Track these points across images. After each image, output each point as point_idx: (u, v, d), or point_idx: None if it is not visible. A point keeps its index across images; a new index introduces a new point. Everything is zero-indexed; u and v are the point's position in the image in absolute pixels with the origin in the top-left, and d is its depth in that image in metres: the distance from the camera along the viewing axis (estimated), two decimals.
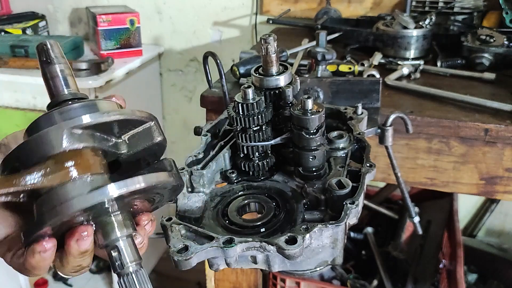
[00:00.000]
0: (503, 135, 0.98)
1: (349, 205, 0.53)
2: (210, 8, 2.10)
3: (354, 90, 0.91)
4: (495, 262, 1.88)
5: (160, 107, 2.39)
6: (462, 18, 1.54)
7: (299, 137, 0.61)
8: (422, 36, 1.34)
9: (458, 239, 1.54)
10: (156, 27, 2.20)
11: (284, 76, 0.65)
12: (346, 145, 0.67)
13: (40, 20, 2.17)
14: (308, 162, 0.62)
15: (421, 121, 1.01)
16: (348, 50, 1.47)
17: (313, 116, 0.59)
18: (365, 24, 1.56)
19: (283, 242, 0.49)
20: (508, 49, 1.27)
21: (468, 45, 1.30)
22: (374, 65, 1.31)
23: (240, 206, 0.60)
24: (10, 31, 2.05)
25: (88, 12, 2.06)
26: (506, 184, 1.03)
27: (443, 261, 1.61)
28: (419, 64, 1.29)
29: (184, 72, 2.28)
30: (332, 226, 0.51)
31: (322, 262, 0.55)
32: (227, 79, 1.00)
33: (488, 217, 2.06)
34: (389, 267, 1.63)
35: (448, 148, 1.04)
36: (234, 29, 2.11)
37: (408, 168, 1.08)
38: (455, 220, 1.64)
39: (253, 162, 0.64)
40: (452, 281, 1.44)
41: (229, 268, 0.52)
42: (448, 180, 1.07)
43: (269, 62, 0.64)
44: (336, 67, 1.20)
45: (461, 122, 1.00)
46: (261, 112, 0.62)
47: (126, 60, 1.96)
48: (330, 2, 1.76)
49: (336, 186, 0.56)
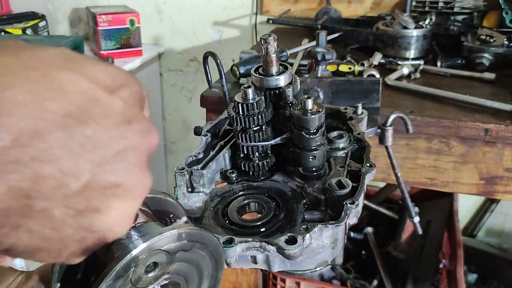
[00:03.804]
0: (503, 135, 0.98)
1: (349, 205, 0.53)
2: (210, 8, 2.10)
3: (354, 90, 0.91)
4: (495, 262, 1.88)
5: (160, 107, 2.39)
6: (462, 18, 1.54)
7: (299, 137, 0.61)
8: (422, 36, 1.34)
9: (458, 239, 1.54)
10: (156, 27, 2.20)
11: (284, 76, 0.65)
12: (346, 145, 0.67)
13: (40, 20, 2.17)
14: (308, 162, 0.62)
15: (421, 121, 1.01)
16: (348, 50, 1.47)
17: (313, 116, 0.59)
18: (365, 24, 1.56)
19: (283, 242, 0.49)
20: (508, 49, 1.27)
21: (468, 45, 1.30)
22: (374, 65, 1.31)
23: (240, 206, 0.60)
24: (10, 31, 2.05)
25: (88, 12, 2.06)
26: (506, 184, 1.03)
27: (443, 261, 1.61)
28: (419, 64, 1.29)
29: (184, 72, 2.28)
30: (332, 226, 0.51)
31: (322, 262, 0.54)
32: (227, 79, 1.00)
33: (488, 217, 2.06)
34: (389, 267, 1.63)
35: (448, 148, 1.04)
36: (234, 29, 2.11)
37: (408, 168, 1.08)
38: (455, 220, 1.64)
39: (253, 162, 0.64)
40: (452, 281, 1.44)
41: (229, 268, 0.52)
42: (448, 180, 1.07)
43: (269, 62, 0.64)
44: (336, 67, 1.20)
45: (461, 122, 1.00)
46: (261, 112, 0.62)
47: (126, 60, 1.96)
48: (330, 2, 1.76)
49: (336, 186, 0.56)
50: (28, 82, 0.28)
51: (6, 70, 0.28)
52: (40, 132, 0.28)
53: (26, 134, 0.27)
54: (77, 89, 0.30)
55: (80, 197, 0.30)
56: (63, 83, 0.29)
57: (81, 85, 0.30)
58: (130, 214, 0.33)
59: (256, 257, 0.52)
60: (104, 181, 0.30)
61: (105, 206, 0.31)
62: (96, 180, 0.30)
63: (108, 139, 0.30)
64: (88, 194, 0.30)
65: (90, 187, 0.30)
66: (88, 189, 0.30)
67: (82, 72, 0.31)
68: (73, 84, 0.30)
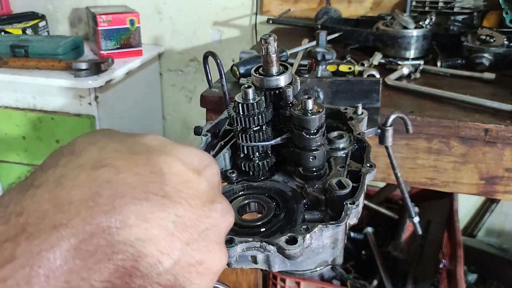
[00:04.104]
0: (503, 135, 0.98)
1: (350, 205, 0.53)
2: (210, 8, 2.10)
3: (354, 90, 0.91)
4: (495, 262, 1.88)
5: (160, 107, 2.39)
6: (462, 18, 1.54)
7: (299, 137, 0.61)
8: (422, 36, 1.34)
9: (458, 239, 1.54)
10: (156, 27, 2.20)
11: (285, 76, 0.64)
12: (346, 145, 0.67)
13: (40, 20, 2.17)
14: (308, 162, 0.62)
15: (421, 121, 1.01)
16: (348, 50, 1.46)
17: (314, 117, 0.59)
18: (365, 24, 1.56)
19: (283, 242, 0.49)
20: (508, 49, 1.27)
21: (468, 45, 1.30)
22: (374, 65, 1.31)
23: (240, 206, 0.60)
24: (10, 31, 2.05)
25: (88, 12, 2.06)
26: (506, 184, 1.03)
27: (443, 261, 1.61)
28: (419, 64, 1.29)
29: (184, 72, 2.28)
30: (333, 226, 0.51)
31: (322, 262, 0.54)
32: (227, 79, 1.00)
33: (488, 217, 2.06)
34: (389, 267, 1.63)
35: (448, 148, 1.04)
36: (234, 29, 2.11)
37: (408, 168, 1.08)
38: (455, 220, 1.64)
39: (253, 162, 0.64)
40: (452, 281, 1.44)
41: (229, 268, 0.52)
42: (448, 180, 1.07)
43: (269, 62, 0.64)
44: (336, 67, 1.20)
45: (461, 122, 1.00)
46: (261, 112, 0.62)
47: (126, 60, 1.96)
48: (330, 2, 1.76)
49: (336, 186, 0.56)
50: (135, 165, 0.32)
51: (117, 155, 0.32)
52: (145, 213, 0.30)
53: (134, 215, 0.30)
54: (172, 171, 0.33)
55: (170, 275, 0.31)
56: (162, 166, 0.33)
57: (176, 167, 0.34)
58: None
59: (256, 257, 0.52)
60: (190, 259, 0.32)
61: (189, 283, 0.33)
62: (184, 258, 0.32)
63: (196, 219, 0.33)
64: (176, 271, 0.32)
65: (179, 265, 0.32)
66: (177, 267, 0.32)
67: (176, 155, 0.34)
68: (169, 166, 0.33)
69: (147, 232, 0.30)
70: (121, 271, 0.29)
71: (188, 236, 0.32)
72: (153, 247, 0.30)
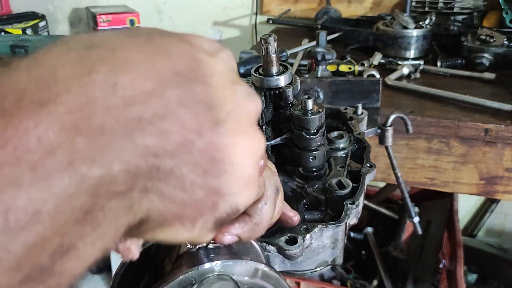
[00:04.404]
0: (503, 135, 0.98)
1: (349, 205, 0.53)
2: (210, 8, 2.10)
3: (354, 90, 0.91)
4: (495, 262, 1.88)
5: None
6: (462, 18, 1.54)
7: (299, 137, 0.61)
8: (422, 36, 1.34)
9: (458, 239, 1.54)
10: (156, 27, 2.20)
11: (285, 76, 0.65)
12: (346, 145, 0.67)
13: (40, 20, 2.17)
14: (308, 162, 0.62)
15: (421, 121, 1.02)
16: (348, 50, 1.47)
17: (314, 117, 0.59)
18: (365, 24, 1.56)
19: (283, 242, 0.49)
20: (508, 49, 1.27)
21: (468, 45, 1.30)
22: (374, 65, 1.31)
23: None
24: (10, 31, 2.05)
25: (88, 12, 2.06)
26: (506, 184, 1.03)
27: (443, 261, 1.61)
28: (419, 64, 1.29)
29: None
30: (333, 227, 0.51)
31: (322, 262, 0.55)
32: None
33: (488, 217, 2.06)
34: (389, 267, 1.63)
35: (448, 148, 1.04)
36: (234, 29, 2.11)
37: (408, 168, 1.08)
38: (455, 220, 1.64)
39: None
40: (452, 281, 1.44)
41: None
42: (448, 180, 1.07)
43: (269, 62, 0.64)
44: (336, 67, 1.20)
45: (461, 122, 1.00)
46: (261, 112, 0.62)
47: None
48: (330, 2, 1.76)
49: (336, 186, 0.56)
50: (135, 46, 0.27)
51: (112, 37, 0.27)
52: (157, 90, 0.26)
53: (143, 91, 0.25)
54: (181, 51, 0.29)
55: (205, 155, 0.27)
56: (168, 46, 0.28)
57: (183, 47, 0.29)
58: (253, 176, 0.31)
59: None
60: (224, 139, 0.28)
61: (230, 167, 0.29)
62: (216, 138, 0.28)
63: (219, 99, 0.29)
64: (211, 152, 0.28)
65: (213, 145, 0.28)
66: (211, 147, 0.28)
67: (181, 37, 0.30)
68: (177, 46, 0.29)
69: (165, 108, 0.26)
70: (141, 150, 0.25)
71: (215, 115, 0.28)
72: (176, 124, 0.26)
